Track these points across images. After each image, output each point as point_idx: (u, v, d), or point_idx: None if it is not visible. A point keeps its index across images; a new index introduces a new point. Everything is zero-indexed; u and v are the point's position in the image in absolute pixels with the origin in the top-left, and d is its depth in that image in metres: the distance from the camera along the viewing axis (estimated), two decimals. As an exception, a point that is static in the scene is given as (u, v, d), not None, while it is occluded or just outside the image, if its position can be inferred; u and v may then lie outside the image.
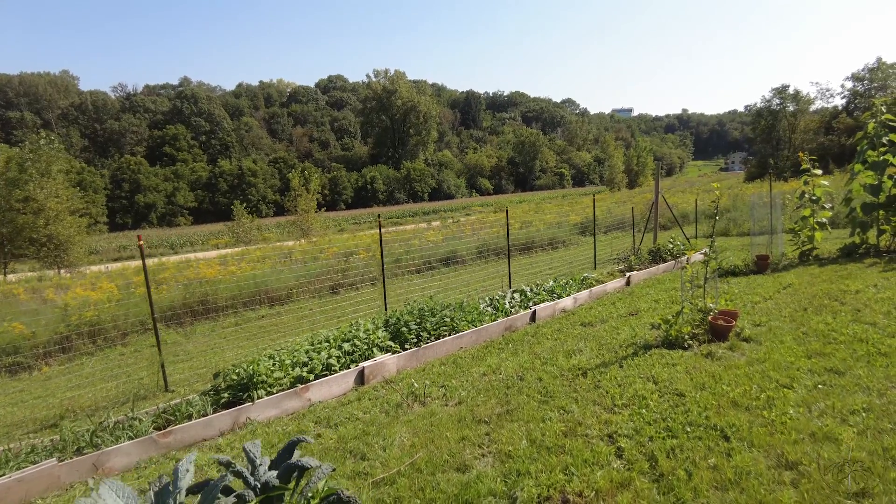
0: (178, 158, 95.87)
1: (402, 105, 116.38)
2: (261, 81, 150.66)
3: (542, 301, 9.49)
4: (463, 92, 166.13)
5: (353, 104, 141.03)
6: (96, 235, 69.23)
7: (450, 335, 7.67)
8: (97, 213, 77.38)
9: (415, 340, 7.24)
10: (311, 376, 6.12)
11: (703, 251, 13.21)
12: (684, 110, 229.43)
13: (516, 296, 9.58)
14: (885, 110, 11.13)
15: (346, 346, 6.61)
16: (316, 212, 44.80)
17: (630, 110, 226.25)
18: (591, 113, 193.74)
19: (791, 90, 68.62)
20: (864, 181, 11.04)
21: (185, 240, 56.05)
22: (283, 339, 10.35)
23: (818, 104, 69.05)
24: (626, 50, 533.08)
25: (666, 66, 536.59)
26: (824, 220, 11.40)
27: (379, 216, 10.00)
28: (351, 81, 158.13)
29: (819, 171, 11.42)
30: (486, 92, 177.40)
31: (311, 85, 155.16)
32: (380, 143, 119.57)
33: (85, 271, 25.73)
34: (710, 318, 6.02)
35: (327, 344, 6.68)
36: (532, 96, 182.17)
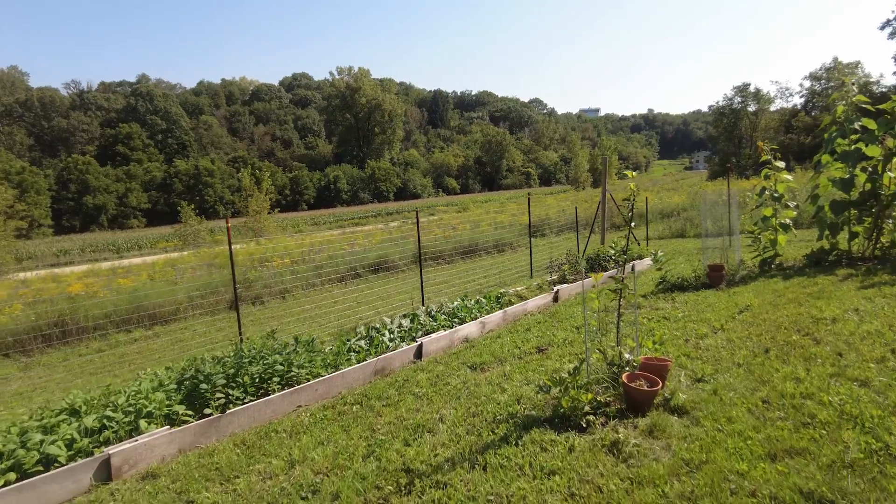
0: (131, 158, 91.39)
1: (366, 103, 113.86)
2: (223, 79, 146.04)
3: (439, 328, 7.38)
4: (431, 91, 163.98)
5: (317, 102, 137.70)
6: (38, 239, 65.06)
7: (283, 389, 5.50)
8: (40, 216, 73.00)
9: (222, 402, 5.04)
10: (14, 475, 3.89)
11: (651, 255, 11.32)
12: (650, 110, 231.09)
13: (405, 322, 7.44)
14: (856, 90, 9.34)
15: (90, 420, 4.36)
16: (269, 212, 42.33)
17: (597, 110, 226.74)
18: (559, 113, 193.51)
19: (752, 89, 68.42)
20: (832, 175, 9.24)
21: (134, 243, 52.60)
22: (142, 369, 8.10)
23: (778, 103, 69.03)
24: (593, 50, 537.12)
25: (633, 66, 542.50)
26: (788, 220, 9.58)
27: (228, 223, 7.76)
28: (316, 79, 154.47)
29: (781, 164, 9.58)
30: (454, 91, 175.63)
31: (275, 83, 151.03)
32: (344, 142, 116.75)
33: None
34: (624, 376, 3.97)
35: (68, 417, 4.43)
36: (500, 96, 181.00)
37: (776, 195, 9.47)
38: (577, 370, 4.01)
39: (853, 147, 8.99)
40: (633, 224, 4.55)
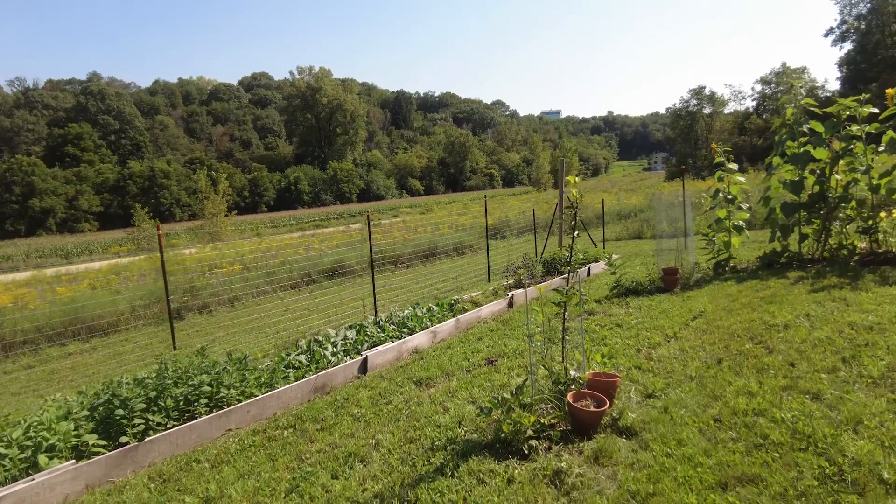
0: (82, 159, 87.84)
1: (327, 103, 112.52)
2: (179, 78, 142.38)
3: (387, 340, 7.02)
4: (394, 91, 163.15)
5: (277, 102, 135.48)
6: (-25, 243, 61.72)
7: (211, 412, 5.07)
8: (-21, 220, 69.38)
9: (141, 428, 4.58)
10: None
11: (605, 259, 11.21)
12: (609, 112, 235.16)
13: (350, 334, 7.06)
14: (804, 93, 9.40)
15: (-24, 459, 3.87)
16: (227, 215, 41.19)
17: (558, 112, 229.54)
18: (521, 115, 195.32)
19: (707, 92, 70.23)
20: (783, 177, 9.27)
21: (84, 248, 50.34)
22: (75, 386, 7.49)
23: (732, 106, 71.05)
24: (555, 52, 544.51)
25: (592, 68, 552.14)
26: (741, 222, 9.58)
27: (159, 230, 7.24)
28: (277, 79, 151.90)
29: (734, 166, 9.57)
30: (417, 92, 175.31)
31: (234, 82, 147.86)
32: (305, 143, 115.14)
33: None
34: (570, 395, 3.71)
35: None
36: (463, 97, 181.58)
37: (729, 197, 9.46)
38: (520, 389, 3.73)
39: (802, 149, 9.02)
40: (576, 234, 4.31)
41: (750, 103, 70.07)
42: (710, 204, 9.64)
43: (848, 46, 67.03)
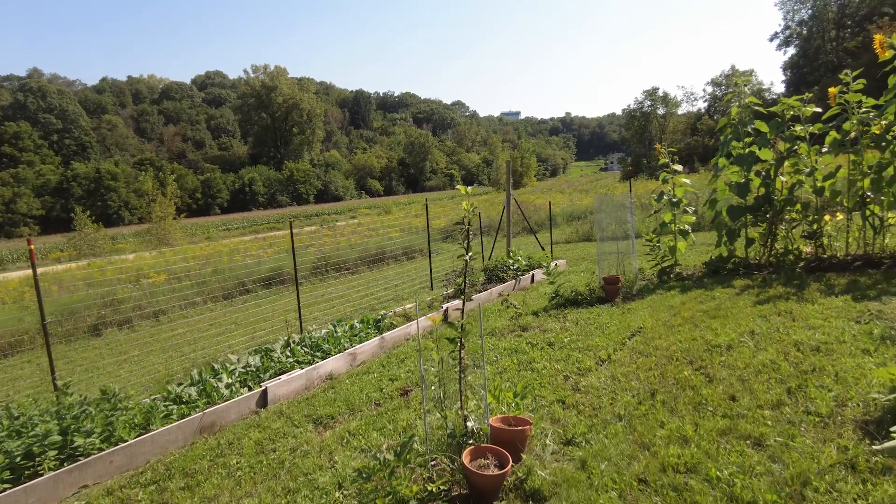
0: (20, 160, 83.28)
1: (283, 102, 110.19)
2: (129, 76, 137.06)
3: (295, 366, 6.24)
4: (352, 91, 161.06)
5: (232, 102, 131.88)
6: None
7: (62, 466, 4.21)
8: None
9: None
10: None
11: (544, 268, 10.58)
12: (567, 113, 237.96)
13: (254, 359, 6.25)
14: (748, 91, 9.03)
15: None
16: (176, 218, 39.47)
17: (518, 113, 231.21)
18: (481, 115, 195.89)
19: (660, 93, 71.46)
20: (729, 179, 8.87)
21: (22, 254, 47.35)
22: None
23: (685, 107, 72.51)
24: (514, 53, 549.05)
25: (551, 70, 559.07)
26: (687, 226, 9.15)
27: (31, 244, 6.27)
28: (231, 78, 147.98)
29: (679, 167, 9.14)
30: (376, 92, 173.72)
31: (187, 81, 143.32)
32: (260, 143, 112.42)
33: None
34: (467, 453, 3.04)
35: None
36: (423, 97, 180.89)
37: (675, 200, 9.02)
38: (405, 448, 3.02)
39: (747, 150, 8.64)
40: (469, 256, 3.63)
41: (702, 104, 71.67)
42: (655, 207, 9.18)
43: (791, 51, 69.27)
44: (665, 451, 3.22)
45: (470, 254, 3.58)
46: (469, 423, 3.29)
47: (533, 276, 10.84)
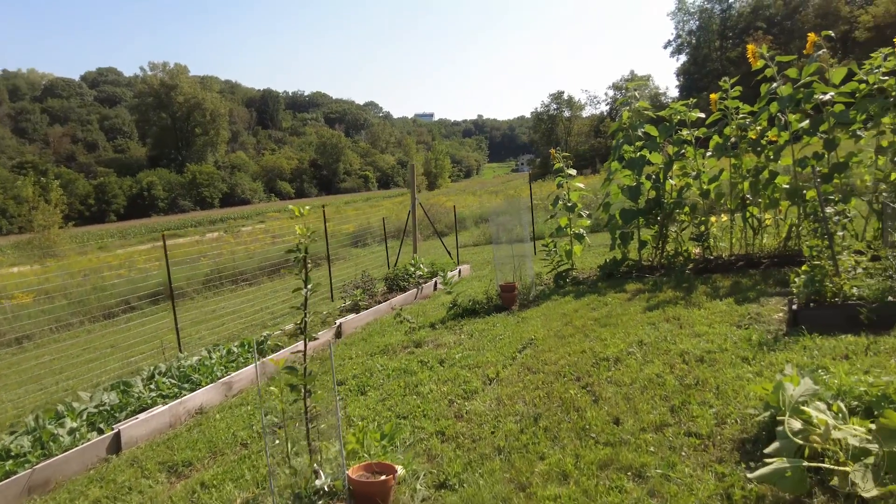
0: None
1: (184, 102, 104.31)
2: (5, 70, 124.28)
3: (158, 401, 5.50)
4: (260, 90, 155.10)
5: (128, 101, 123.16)
6: None
7: None
8: None
9: None
10: None
11: (440, 276, 10.29)
12: (480, 116, 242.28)
13: (109, 397, 5.44)
14: (638, 96, 9.19)
15: None
16: (62, 227, 36.01)
17: (431, 115, 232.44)
18: (395, 116, 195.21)
19: (566, 96, 74.21)
20: (622, 182, 8.97)
21: None
22: None
23: (588, 110, 75.73)
24: (428, 55, 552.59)
25: (464, 72, 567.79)
26: (582, 230, 9.17)
27: None
28: (127, 75, 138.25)
29: (573, 171, 9.15)
30: (285, 91, 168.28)
31: (75, 77, 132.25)
32: (160, 144, 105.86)
33: None
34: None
35: None
36: (335, 97, 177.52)
37: (570, 204, 8.99)
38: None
39: (638, 154, 8.77)
40: (309, 287, 3.20)
41: (604, 107, 75.13)
42: (551, 212, 9.13)
43: (683, 58, 74.11)
44: (542, 492, 2.92)
45: (309, 286, 3.13)
46: (318, 481, 2.84)
47: (436, 283, 10.53)
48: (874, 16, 51.00)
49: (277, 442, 3.37)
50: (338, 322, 7.98)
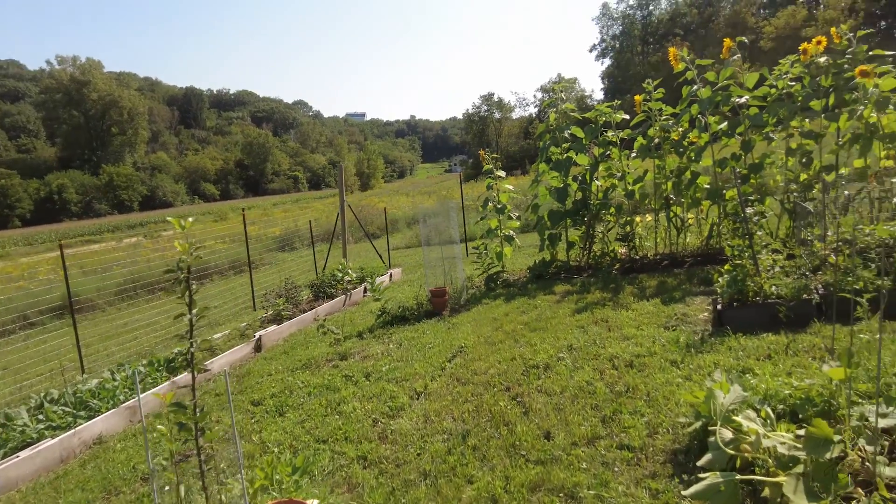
0: None
1: (98, 99, 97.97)
2: None
3: (46, 433, 4.88)
4: (182, 88, 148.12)
5: (34, 97, 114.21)
6: None
7: None
8: None
9: None
10: None
11: (367, 283, 9.97)
12: (412, 116, 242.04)
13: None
14: (565, 98, 9.21)
15: None
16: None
17: (363, 115, 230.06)
18: (326, 116, 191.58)
19: (496, 98, 75.23)
20: (549, 184, 8.96)
21: None
22: None
23: (518, 111, 77.08)
24: (359, 53, 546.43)
25: (396, 72, 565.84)
26: (512, 232, 9.10)
27: None
28: (31, 69, 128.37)
29: (503, 173, 9.05)
30: (209, 89, 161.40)
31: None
32: (71, 144, 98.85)
33: None
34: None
35: None
36: (262, 96, 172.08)
37: (499, 206, 8.89)
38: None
39: (565, 156, 8.78)
40: (193, 316, 2.85)
41: (533, 109, 76.69)
42: (481, 214, 9.00)
43: (607, 62, 76.82)
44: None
45: (195, 311, 2.77)
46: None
47: (366, 288, 10.16)
48: (776, 27, 54.92)
49: (168, 488, 2.97)
50: (257, 334, 7.49)
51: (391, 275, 11.50)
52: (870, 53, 6.37)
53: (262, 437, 4.26)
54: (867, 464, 2.65)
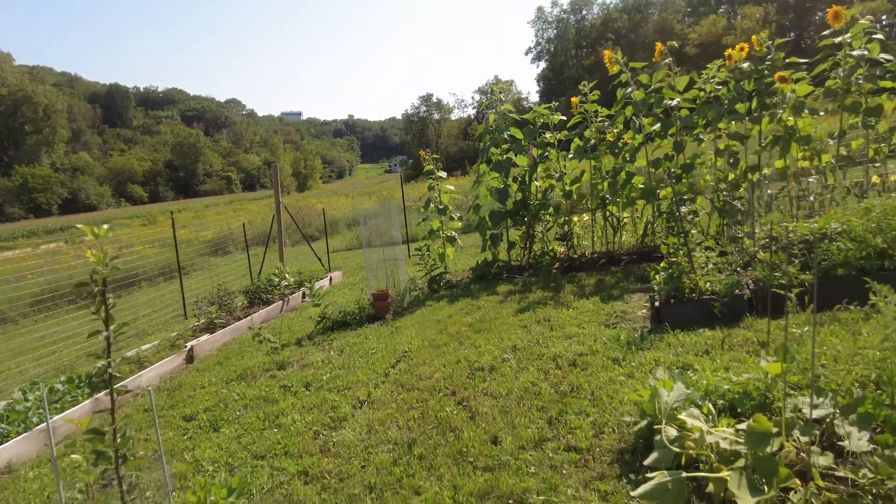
0: None
1: (9, 95, 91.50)
2: None
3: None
4: (106, 84, 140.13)
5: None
6: None
7: None
8: None
9: None
10: None
11: (306, 289, 9.66)
12: (350, 116, 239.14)
13: None
14: (503, 99, 9.26)
15: None
16: None
17: (299, 114, 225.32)
18: (260, 115, 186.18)
19: (435, 99, 75.41)
20: (490, 184, 8.98)
21: None
22: None
23: (457, 113, 77.57)
24: (294, 51, 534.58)
25: (333, 71, 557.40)
26: (454, 232, 9.06)
27: None
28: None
29: (444, 174, 9.00)
30: (136, 86, 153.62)
31: None
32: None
33: None
34: None
35: None
36: (192, 94, 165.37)
37: (441, 207, 8.83)
38: None
39: (505, 157, 8.82)
40: (109, 333, 2.63)
41: (471, 111, 77.34)
42: (423, 215, 8.92)
43: (543, 64, 78.46)
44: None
45: (112, 327, 2.54)
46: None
47: (304, 293, 9.86)
48: (700, 34, 57.91)
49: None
50: (189, 345, 7.09)
51: (331, 278, 11.24)
52: (786, 61, 6.73)
53: (196, 455, 4.00)
54: (802, 454, 2.73)
